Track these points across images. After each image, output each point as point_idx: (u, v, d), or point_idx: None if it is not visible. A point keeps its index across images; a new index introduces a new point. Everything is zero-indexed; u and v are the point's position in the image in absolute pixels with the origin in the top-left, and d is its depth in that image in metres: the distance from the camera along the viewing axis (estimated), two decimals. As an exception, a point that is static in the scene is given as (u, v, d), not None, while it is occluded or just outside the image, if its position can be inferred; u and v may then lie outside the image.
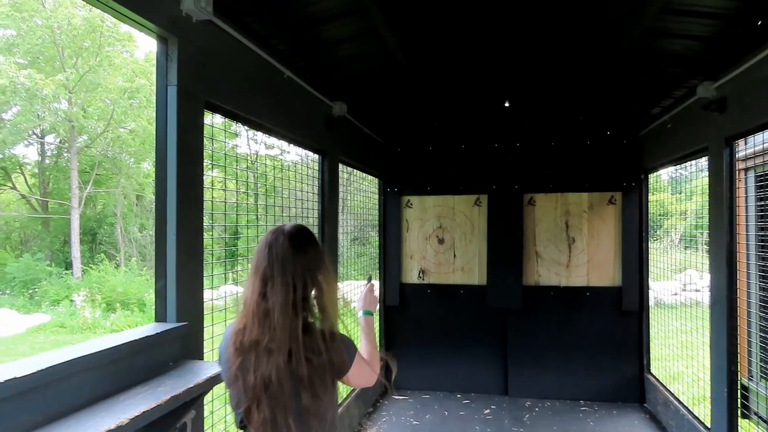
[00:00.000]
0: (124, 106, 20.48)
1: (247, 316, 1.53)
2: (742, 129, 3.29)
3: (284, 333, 1.50)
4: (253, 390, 1.49)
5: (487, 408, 5.27)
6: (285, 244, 1.56)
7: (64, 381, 1.53)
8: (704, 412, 4.07)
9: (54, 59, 20.00)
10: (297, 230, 1.63)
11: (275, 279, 1.53)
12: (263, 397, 1.49)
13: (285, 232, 1.59)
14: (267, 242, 1.58)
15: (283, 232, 1.59)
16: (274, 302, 1.51)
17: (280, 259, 1.54)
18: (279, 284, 1.52)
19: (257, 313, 1.52)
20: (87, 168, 22.14)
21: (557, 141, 5.61)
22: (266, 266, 1.54)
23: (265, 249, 1.57)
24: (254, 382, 1.49)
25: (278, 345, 1.49)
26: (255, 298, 1.53)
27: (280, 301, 1.50)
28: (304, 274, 1.56)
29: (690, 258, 6.88)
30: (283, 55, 3.29)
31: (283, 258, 1.54)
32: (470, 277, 5.79)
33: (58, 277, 18.03)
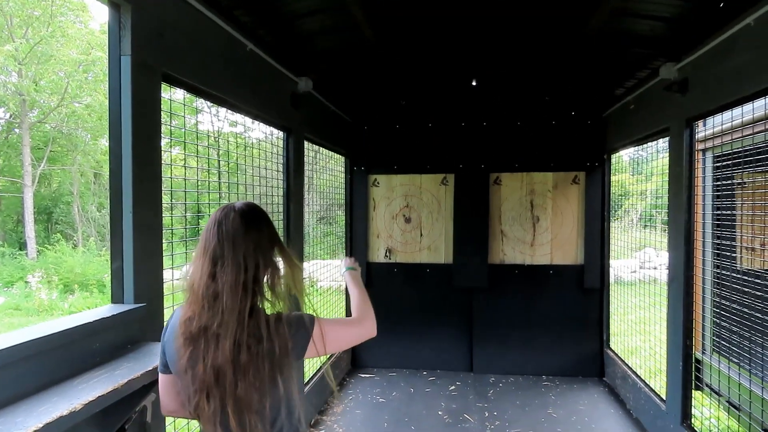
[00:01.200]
0: (79, 80, 19.64)
1: (196, 301, 1.43)
2: (702, 110, 3.36)
3: (232, 316, 1.40)
4: (203, 380, 1.39)
5: (453, 384, 5.35)
6: (236, 221, 1.47)
7: (13, 366, 1.45)
8: (660, 384, 4.23)
9: (1, 28, 18.95)
10: (249, 207, 1.53)
11: (226, 258, 1.43)
12: (212, 387, 1.39)
13: (236, 209, 1.50)
14: (216, 220, 1.48)
15: (233, 209, 1.49)
16: (224, 283, 1.41)
17: (230, 237, 1.45)
18: (230, 264, 1.42)
19: (206, 296, 1.42)
20: (40, 144, 21.24)
21: (523, 121, 5.64)
22: (216, 244, 1.44)
23: (214, 227, 1.47)
24: (204, 372, 1.39)
25: (225, 329, 1.39)
26: (204, 281, 1.42)
27: (230, 281, 1.41)
28: (256, 253, 1.46)
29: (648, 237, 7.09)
30: (246, 28, 3.16)
31: (234, 236, 1.45)
32: (437, 256, 5.82)
33: (11, 258, 17.38)
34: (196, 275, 1.45)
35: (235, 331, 1.40)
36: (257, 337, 1.42)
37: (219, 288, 1.41)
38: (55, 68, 19.11)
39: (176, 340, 1.45)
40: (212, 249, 1.45)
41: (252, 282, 1.44)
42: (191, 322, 1.42)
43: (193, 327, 1.42)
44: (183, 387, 1.49)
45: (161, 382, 1.58)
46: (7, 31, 18.82)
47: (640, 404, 4.46)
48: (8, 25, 18.82)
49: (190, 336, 1.42)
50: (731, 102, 3.04)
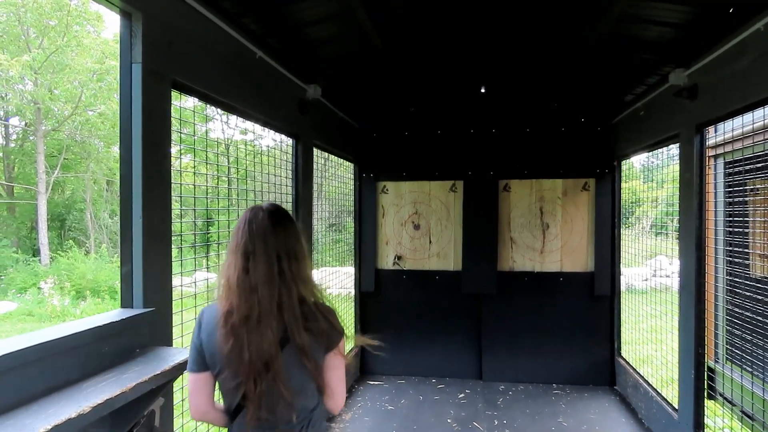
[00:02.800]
0: (93, 89, 19.89)
1: (232, 295, 1.55)
2: (712, 116, 3.33)
3: (271, 304, 1.53)
4: (250, 365, 1.51)
5: (462, 392, 5.32)
6: (265, 219, 1.61)
7: (22, 369, 1.47)
8: (672, 393, 4.18)
9: (18, 39, 19.28)
10: (275, 207, 1.68)
11: (257, 253, 1.56)
12: (261, 371, 1.51)
13: (264, 209, 1.64)
14: (246, 219, 1.62)
15: (262, 209, 1.64)
16: (258, 275, 1.54)
17: (261, 234, 1.58)
18: (261, 258, 1.55)
19: (243, 289, 1.54)
20: (54, 152, 21.51)
21: (532, 127, 5.63)
22: (247, 241, 1.57)
23: (245, 225, 1.60)
24: (250, 358, 1.51)
25: (266, 317, 1.52)
26: (238, 275, 1.55)
27: (263, 272, 1.54)
28: (285, 248, 1.60)
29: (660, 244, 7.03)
30: (255, 35, 3.20)
31: (264, 232, 1.59)
32: (445, 263, 5.81)
33: (24, 264, 17.56)
34: (230, 272, 1.57)
35: (283, 317, 1.55)
36: (312, 318, 1.58)
37: (253, 281, 1.54)
38: (69, 77, 19.38)
39: (217, 332, 1.55)
40: (243, 245, 1.58)
41: (287, 271, 1.58)
42: (231, 314, 1.54)
43: (234, 319, 1.53)
44: (223, 380, 1.59)
45: (193, 382, 1.62)
46: (24, 42, 19.14)
47: (651, 413, 4.40)
48: (25, 35, 19.15)
49: (231, 328, 1.53)
50: (741, 108, 3.01)
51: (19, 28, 18.98)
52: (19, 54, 18.34)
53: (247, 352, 1.51)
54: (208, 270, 7.65)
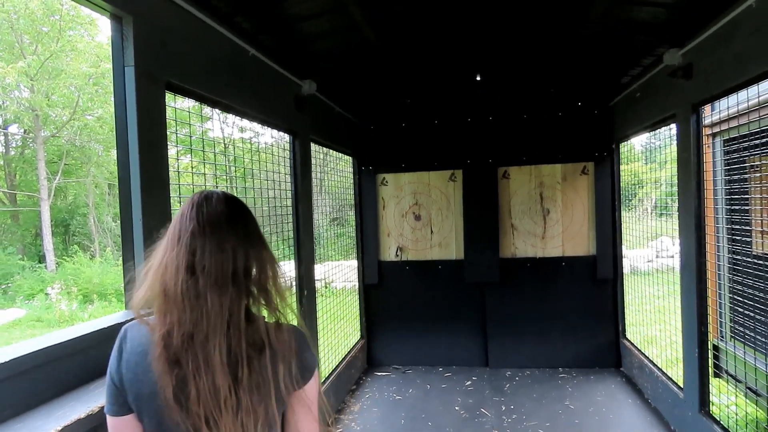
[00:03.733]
0: (90, 93, 19.91)
1: (170, 306, 1.13)
2: (707, 95, 3.33)
3: (219, 317, 1.13)
4: (202, 404, 1.11)
5: (469, 380, 5.36)
6: (220, 205, 1.22)
7: (31, 372, 1.50)
8: (678, 373, 4.20)
9: (12, 46, 19.27)
10: (232, 195, 1.29)
11: (206, 246, 1.15)
12: (215, 411, 1.11)
13: (217, 193, 1.26)
14: (193, 203, 1.22)
15: (215, 193, 1.25)
16: (208, 274, 1.14)
17: (213, 221, 1.19)
18: (212, 251, 1.15)
19: (186, 295, 1.12)
20: (55, 158, 21.57)
21: (529, 114, 5.62)
22: (195, 229, 1.17)
23: (191, 210, 1.20)
24: (198, 395, 1.11)
25: (214, 336, 1.12)
26: (182, 276, 1.13)
27: (214, 272, 1.14)
28: (245, 244, 1.21)
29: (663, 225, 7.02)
30: (247, 33, 3.20)
31: (218, 219, 1.20)
32: (447, 253, 5.83)
33: (31, 271, 17.66)
34: (169, 272, 1.14)
35: (227, 336, 1.14)
36: (259, 346, 1.18)
37: (201, 284, 1.13)
38: (66, 82, 19.39)
39: (154, 364, 1.13)
40: (189, 235, 1.17)
41: (242, 276, 1.18)
42: (170, 335, 1.12)
43: (174, 340, 1.12)
44: (169, 425, 1.15)
45: (113, 428, 1.21)
46: (18, 48, 19.14)
47: (657, 393, 4.43)
48: (19, 42, 19.14)
49: (173, 353, 1.12)
50: (737, 85, 3.01)
51: (12, 35, 18.96)
52: (13, 61, 18.33)
53: (193, 387, 1.11)
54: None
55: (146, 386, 1.14)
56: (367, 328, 5.94)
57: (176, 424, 1.13)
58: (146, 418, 1.17)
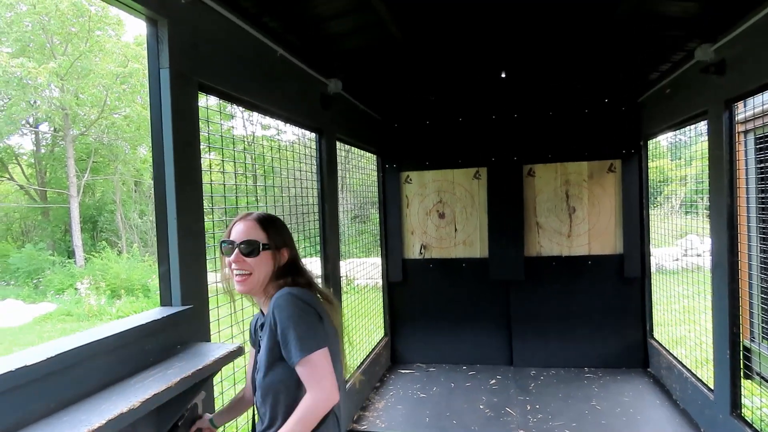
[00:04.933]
0: (118, 92, 20.33)
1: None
2: (741, 91, 3.26)
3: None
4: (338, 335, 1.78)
5: (493, 378, 5.34)
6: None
7: (75, 367, 1.54)
8: (707, 374, 4.13)
9: (43, 46, 19.76)
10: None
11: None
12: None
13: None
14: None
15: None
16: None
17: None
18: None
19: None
20: (83, 156, 22.08)
21: (555, 110, 5.56)
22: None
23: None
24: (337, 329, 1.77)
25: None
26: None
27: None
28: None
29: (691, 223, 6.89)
30: (275, 33, 3.24)
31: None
32: (472, 251, 5.81)
33: (61, 266, 18.14)
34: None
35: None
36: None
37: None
38: (94, 82, 19.82)
39: (324, 304, 1.78)
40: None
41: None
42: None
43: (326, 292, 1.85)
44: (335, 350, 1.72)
45: (330, 361, 1.65)
46: (49, 49, 19.60)
47: (687, 394, 4.36)
48: (49, 43, 19.61)
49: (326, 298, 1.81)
50: (772, 81, 2.94)
51: (44, 36, 19.45)
52: (45, 61, 18.81)
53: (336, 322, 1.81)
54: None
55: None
56: (391, 326, 5.96)
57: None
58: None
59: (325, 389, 1.56)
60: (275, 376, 1.65)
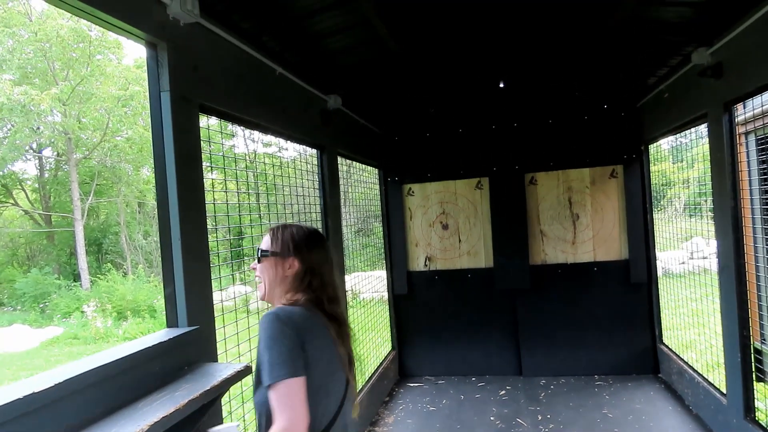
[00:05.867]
0: (119, 115, 20.47)
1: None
2: (740, 93, 3.27)
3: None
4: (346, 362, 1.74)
5: (503, 389, 5.30)
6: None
7: (82, 392, 1.54)
8: (719, 378, 4.09)
9: (45, 73, 19.98)
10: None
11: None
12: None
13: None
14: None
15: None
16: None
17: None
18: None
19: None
20: (87, 179, 22.19)
21: (555, 118, 5.58)
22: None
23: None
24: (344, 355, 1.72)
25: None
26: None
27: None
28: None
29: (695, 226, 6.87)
30: (273, 52, 3.27)
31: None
32: (477, 261, 5.80)
33: (67, 290, 18.13)
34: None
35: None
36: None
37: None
38: (96, 105, 19.97)
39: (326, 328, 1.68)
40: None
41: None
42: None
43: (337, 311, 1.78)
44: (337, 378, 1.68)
45: (302, 392, 1.49)
46: (51, 75, 19.81)
47: (699, 399, 4.32)
48: (51, 69, 19.82)
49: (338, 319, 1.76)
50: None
51: (45, 62, 19.66)
52: (47, 87, 18.99)
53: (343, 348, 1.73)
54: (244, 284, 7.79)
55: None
56: (398, 339, 5.94)
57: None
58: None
59: (289, 420, 1.43)
60: (260, 396, 1.55)
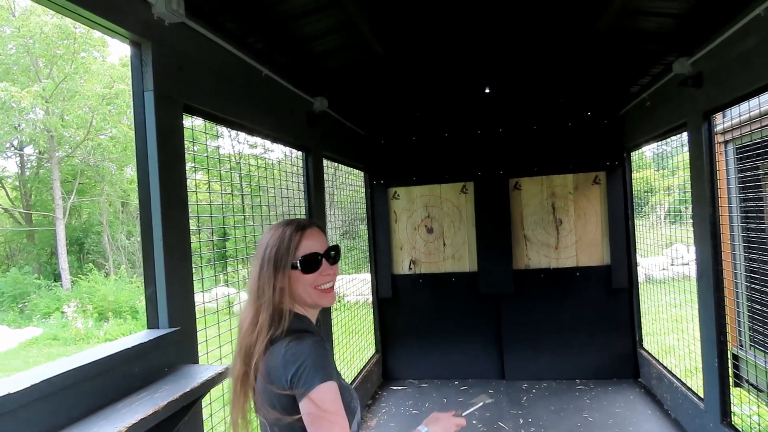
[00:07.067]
0: (103, 113, 20.23)
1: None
2: (719, 103, 3.34)
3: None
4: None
5: (485, 392, 5.31)
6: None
7: (60, 393, 1.53)
8: (697, 383, 4.15)
9: (28, 69, 19.69)
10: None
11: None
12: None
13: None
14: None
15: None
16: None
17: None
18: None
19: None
20: (69, 178, 21.88)
21: (539, 124, 5.64)
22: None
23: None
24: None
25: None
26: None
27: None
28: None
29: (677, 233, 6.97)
30: (259, 54, 3.27)
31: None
32: (461, 265, 5.83)
33: (47, 290, 17.85)
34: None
35: None
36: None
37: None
38: (80, 103, 19.73)
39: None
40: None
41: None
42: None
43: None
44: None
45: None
46: (34, 72, 19.54)
47: (677, 404, 4.38)
48: (34, 65, 19.54)
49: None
50: (748, 93, 3.02)
51: (28, 59, 19.38)
52: (29, 84, 18.71)
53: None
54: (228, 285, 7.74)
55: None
56: (382, 342, 5.94)
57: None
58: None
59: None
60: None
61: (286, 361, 1.32)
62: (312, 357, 1.32)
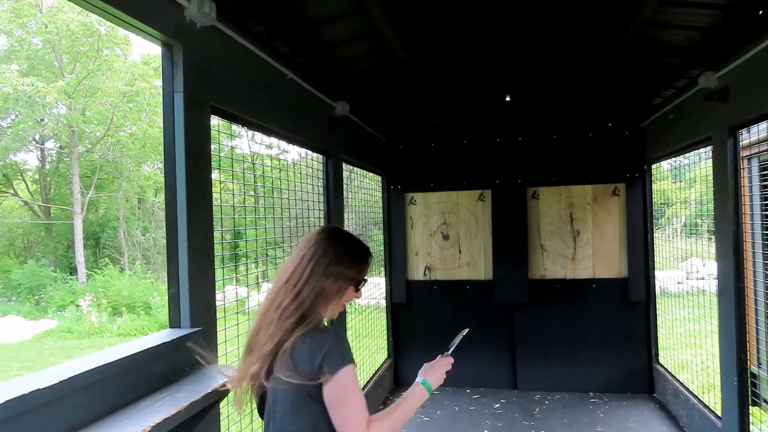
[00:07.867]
0: (124, 110, 20.49)
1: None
2: (745, 118, 3.29)
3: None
4: None
5: (497, 402, 5.29)
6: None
7: (86, 390, 1.55)
8: (714, 400, 4.09)
9: (52, 65, 20.02)
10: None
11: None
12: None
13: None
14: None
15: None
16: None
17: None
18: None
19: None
20: (88, 173, 22.16)
21: (559, 134, 5.60)
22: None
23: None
24: None
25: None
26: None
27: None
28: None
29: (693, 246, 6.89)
30: (285, 57, 3.29)
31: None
32: (476, 273, 5.80)
33: (63, 283, 18.09)
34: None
35: None
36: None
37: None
38: (101, 100, 20.00)
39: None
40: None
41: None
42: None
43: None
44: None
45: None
46: (58, 68, 19.86)
47: (693, 421, 4.31)
48: (59, 61, 19.87)
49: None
50: (776, 109, 2.97)
51: (53, 54, 19.71)
52: (53, 79, 19.02)
53: None
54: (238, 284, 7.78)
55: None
56: (394, 347, 5.93)
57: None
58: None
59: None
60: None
61: (312, 350, 1.42)
62: (336, 343, 1.45)
